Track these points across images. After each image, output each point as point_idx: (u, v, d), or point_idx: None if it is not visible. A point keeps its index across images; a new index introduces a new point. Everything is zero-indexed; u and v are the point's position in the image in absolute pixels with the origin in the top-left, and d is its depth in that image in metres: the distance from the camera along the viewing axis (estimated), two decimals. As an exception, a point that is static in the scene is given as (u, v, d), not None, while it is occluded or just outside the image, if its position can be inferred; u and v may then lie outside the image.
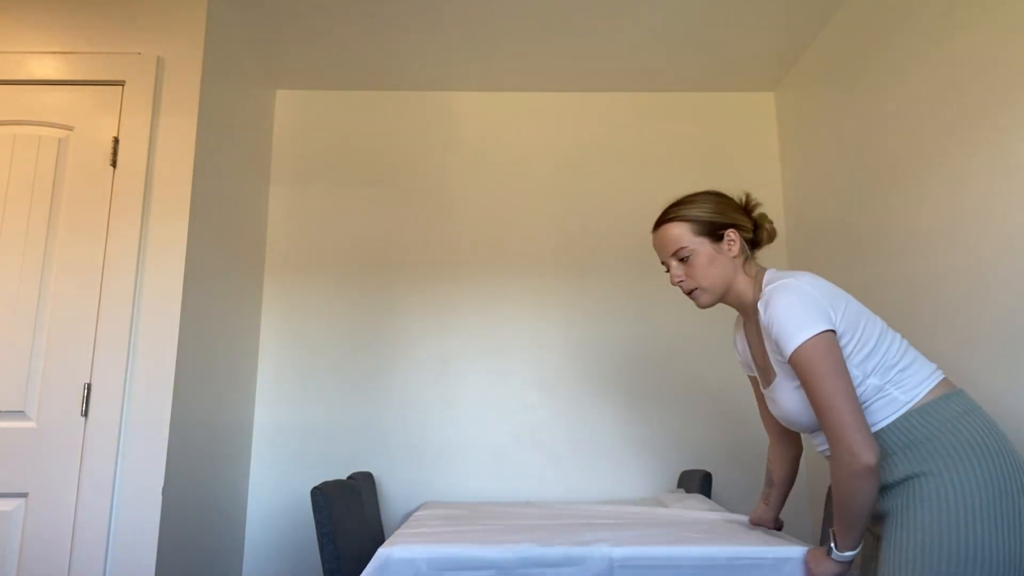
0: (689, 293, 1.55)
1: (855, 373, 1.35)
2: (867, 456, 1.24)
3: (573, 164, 3.11)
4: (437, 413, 2.90)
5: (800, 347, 1.31)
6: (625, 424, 2.89)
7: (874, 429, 1.35)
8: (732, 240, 1.53)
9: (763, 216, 1.59)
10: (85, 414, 2.06)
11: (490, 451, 2.87)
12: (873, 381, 1.35)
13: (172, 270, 2.16)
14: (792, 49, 2.84)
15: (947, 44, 1.95)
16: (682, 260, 1.54)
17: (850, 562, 1.35)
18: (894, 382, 1.35)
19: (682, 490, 2.67)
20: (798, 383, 1.40)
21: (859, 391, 1.34)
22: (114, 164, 2.19)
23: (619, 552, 1.56)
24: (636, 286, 2.99)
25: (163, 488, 2.04)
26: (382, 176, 3.09)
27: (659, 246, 1.59)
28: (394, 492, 2.83)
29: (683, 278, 1.54)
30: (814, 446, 1.53)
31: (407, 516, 2.69)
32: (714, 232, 1.53)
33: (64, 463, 2.03)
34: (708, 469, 2.80)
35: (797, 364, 1.33)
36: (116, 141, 2.20)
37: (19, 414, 2.05)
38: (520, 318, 2.97)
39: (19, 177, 2.17)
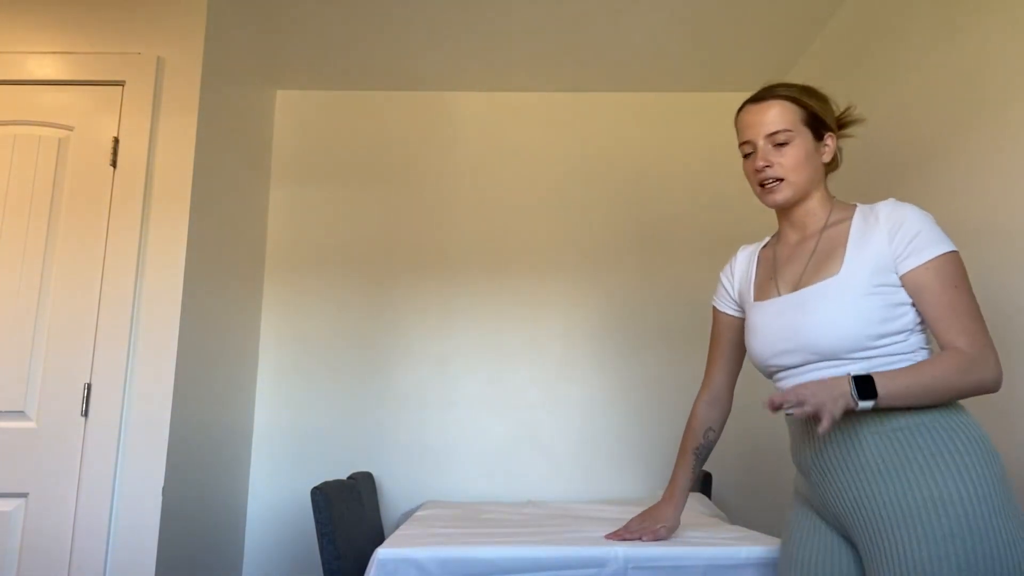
0: (767, 184, 1.34)
1: (910, 323, 1.23)
2: (1001, 373, 1.17)
3: (573, 164, 3.11)
4: (437, 413, 2.90)
5: (954, 252, 1.21)
6: (625, 424, 2.89)
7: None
8: (827, 146, 1.37)
9: (840, 143, 1.42)
10: (85, 414, 2.06)
11: (490, 451, 2.87)
12: (920, 337, 1.25)
13: (172, 270, 2.16)
14: (792, 49, 2.84)
15: (947, 44, 1.95)
16: (778, 145, 1.33)
17: (853, 406, 1.12)
18: (928, 351, 1.27)
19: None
20: (874, 287, 1.22)
21: (910, 340, 1.23)
22: (114, 164, 2.19)
23: (633, 552, 1.56)
24: (636, 285, 2.99)
25: (163, 488, 2.04)
26: (382, 176, 3.09)
27: (754, 122, 1.35)
28: (394, 492, 2.83)
29: (771, 164, 1.33)
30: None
31: (407, 516, 2.69)
32: (818, 130, 1.35)
33: (64, 463, 2.02)
34: (708, 469, 2.80)
35: (942, 267, 1.20)
36: (116, 141, 2.20)
37: (19, 414, 2.05)
38: (520, 318, 2.97)
39: (19, 177, 2.17)
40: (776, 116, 1.34)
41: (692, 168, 3.08)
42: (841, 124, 1.42)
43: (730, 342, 1.55)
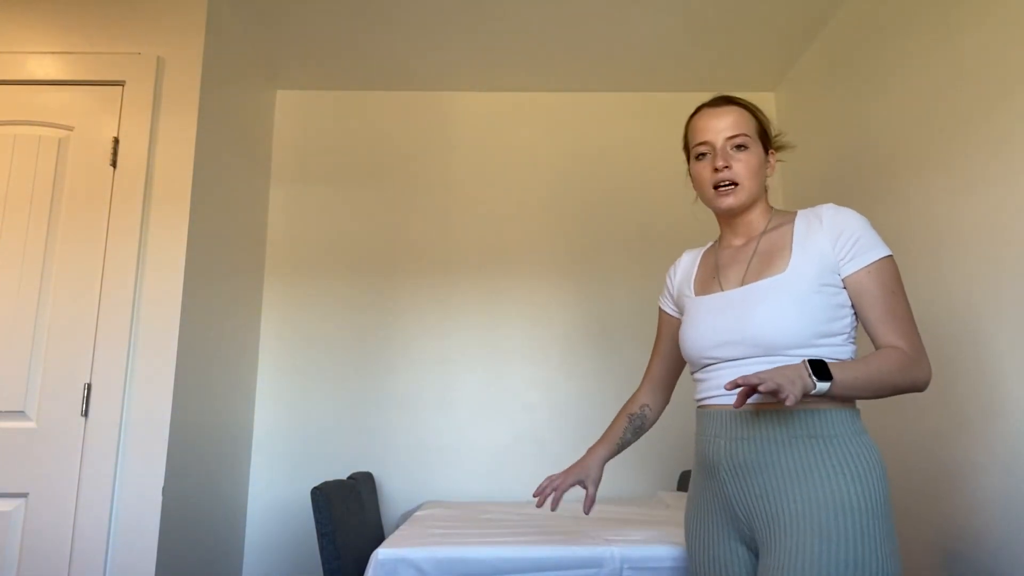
0: (722, 186, 1.36)
1: (848, 326, 1.29)
2: (931, 375, 1.27)
3: (573, 164, 3.11)
4: (437, 413, 2.90)
5: (890, 257, 1.28)
6: (625, 424, 2.89)
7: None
8: (770, 162, 1.43)
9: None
10: (85, 414, 2.06)
11: (490, 451, 2.87)
12: (852, 348, 1.31)
13: (172, 270, 2.16)
14: (792, 49, 2.84)
15: (947, 44, 1.95)
16: (737, 148, 1.36)
17: (806, 393, 1.14)
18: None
19: (682, 492, 2.67)
20: (819, 286, 1.26)
21: (846, 347, 1.28)
22: (114, 164, 2.19)
23: (629, 553, 1.56)
24: (636, 286, 2.99)
25: (163, 488, 2.04)
26: (382, 176, 3.09)
27: (714, 125, 1.38)
28: (394, 492, 2.83)
29: (730, 165, 1.36)
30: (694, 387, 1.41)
31: (407, 516, 2.69)
32: (766, 145, 1.42)
33: (64, 463, 2.03)
34: (708, 469, 2.80)
35: (882, 271, 1.26)
36: (116, 141, 2.21)
37: (19, 414, 2.05)
38: (520, 318, 2.97)
39: (19, 177, 2.17)
40: (736, 121, 1.38)
41: (692, 168, 3.07)
42: (776, 146, 1.47)
43: (670, 339, 1.59)
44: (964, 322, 1.86)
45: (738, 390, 1.14)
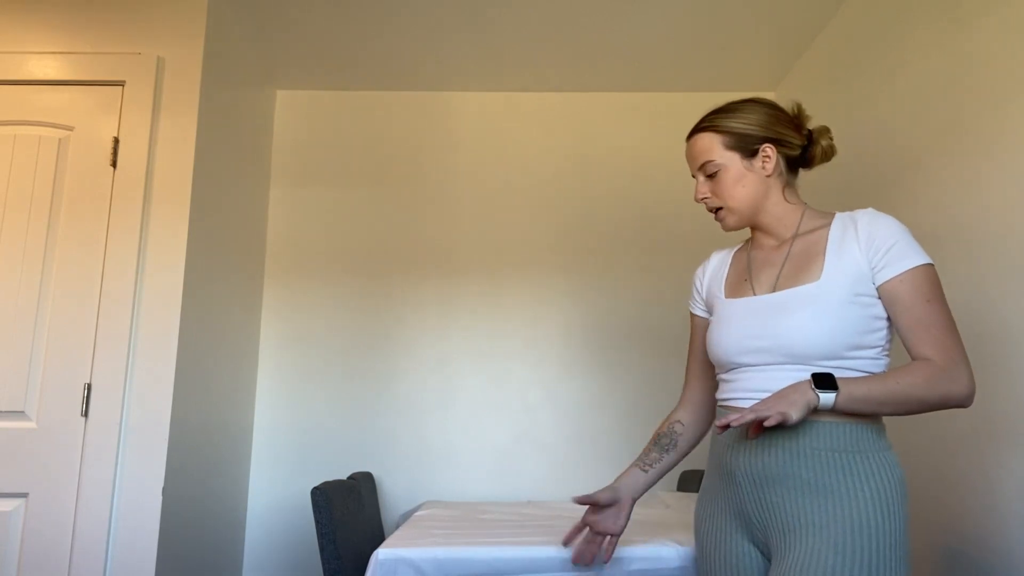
0: (714, 212, 1.40)
1: (882, 339, 1.26)
2: (972, 388, 1.19)
3: (573, 164, 3.11)
4: (437, 413, 2.90)
5: (928, 265, 1.22)
6: (625, 424, 2.89)
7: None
8: (767, 157, 1.35)
9: (821, 130, 1.40)
10: (85, 414, 2.06)
11: (490, 451, 2.87)
12: (887, 360, 1.28)
13: (172, 270, 2.16)
14: (792, 49, 2.84)
15: (948, 43, 1.95)
16: (710, 176, 1.37)
17: (812, 409, 1.15)
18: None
19: (682, 493, 2.67)
20: (853, 296, 1.23)
21: (879, 360, 1.26)
22: (114, 164, 2.19)
23: (629, 553, 1.56)
24: (637, 285, 2.99)
25: (163, 488, 2.04)
26: (382, 176, 3.09)
27: (688, 158, 1.42)
28: (394, 492, 2.83)
29: (707, 195, 1.38)
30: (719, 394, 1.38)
31: (407, 516, 2.69)
32: (747, 147, 1.35)
33: (64, 463, 2.03)
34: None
35: (916, 279, 1.21)
36: (116, 141, 2.20)
37: (19, 414, 2.05)
38: (520, 318, 2.97)
39: (19, 177, 2.17)
40: (700, 149, 1.38)
41: (692, 168, 3.07)
42: (799, 124, 1.40)
43: (704, 343, 1.52)
44: (977, 322, 1.86)
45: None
